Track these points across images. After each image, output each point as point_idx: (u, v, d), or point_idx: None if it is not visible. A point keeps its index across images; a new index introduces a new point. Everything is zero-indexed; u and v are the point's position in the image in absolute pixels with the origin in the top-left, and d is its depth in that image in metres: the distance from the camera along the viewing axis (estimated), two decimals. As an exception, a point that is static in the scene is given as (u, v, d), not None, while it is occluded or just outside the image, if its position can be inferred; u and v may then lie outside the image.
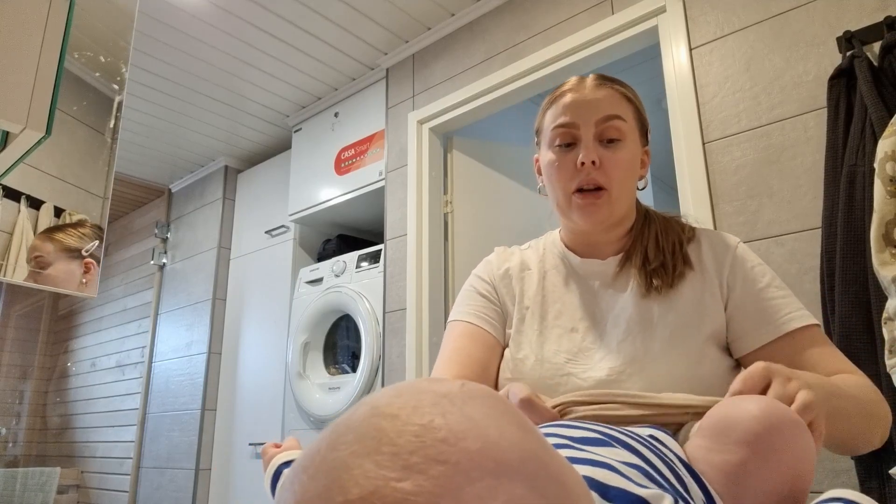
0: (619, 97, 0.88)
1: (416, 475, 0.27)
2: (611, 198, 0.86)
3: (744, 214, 1.63)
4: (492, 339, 0.91)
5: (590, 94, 0.87)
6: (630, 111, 0.89)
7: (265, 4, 2.37)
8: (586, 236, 0.93)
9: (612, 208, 0.87)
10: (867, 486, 1.25)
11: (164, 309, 3.73)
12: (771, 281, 0.85)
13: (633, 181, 0.90)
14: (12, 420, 4.40)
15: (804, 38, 1.61)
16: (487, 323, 0.92)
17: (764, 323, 0.81)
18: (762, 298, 0.83)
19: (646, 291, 0.85)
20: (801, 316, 0.81)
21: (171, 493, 3.23)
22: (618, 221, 0.90)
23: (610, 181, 0.85)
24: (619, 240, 0.92)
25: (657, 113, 3.04)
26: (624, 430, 0.56)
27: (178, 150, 3.54)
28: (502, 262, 0.99)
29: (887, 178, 1.14)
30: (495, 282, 0.96)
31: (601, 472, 0.45)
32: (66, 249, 1.04)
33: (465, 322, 0.93)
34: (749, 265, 0.86)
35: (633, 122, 0.89)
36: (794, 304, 0.83)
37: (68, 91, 0.96)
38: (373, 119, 2.77)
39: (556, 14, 2.18)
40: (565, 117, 0.87)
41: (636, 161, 0.90)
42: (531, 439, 0.31)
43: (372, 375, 2.44)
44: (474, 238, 2.46)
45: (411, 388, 0.32)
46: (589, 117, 0.86)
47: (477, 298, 0.95)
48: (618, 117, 0.86)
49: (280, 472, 0.69)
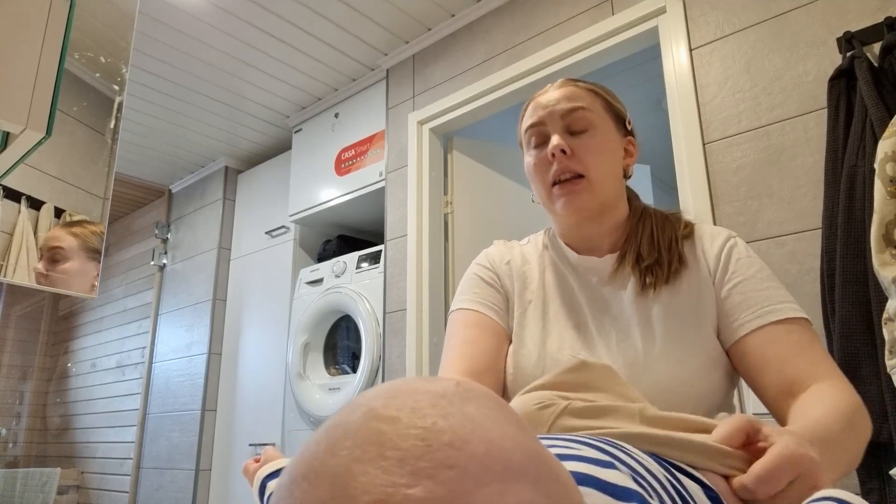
0: (582, 91, 0.91)
1: (426, 480, 0.26)
2: (590, 183, 0.87)
3: (744, 215, 1.63)
4: (499, 328, 0.91)
5: (554, 94, 0.91)
6: (597, 102, 0.91)
7: (265, 5, 2.37)
8: (578, 230, 0.92)
9: (594, 194, 0.87)
10: (867, 487, 1.25)
11: (164, 309, 3.73)
12: (757, 273, 0.84)
13: (612, 167, 0.90)
14: (12, 420, 4.40)
15: (804, 38, 1.62)
16: (493, 311, 0.92)
17: (746, 313, 0.80)
18: (746, 290, 0.82)
19: (642, 289, 0.85)
20: (785, 308, 0.79)
21: (171, 493, 3.23)
22: (603, 209, 0.90)
23: (586, 167, 0.87)
24: (611, 233, 0.92)
25: (657, 113, 3.04)
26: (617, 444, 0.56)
27: (179, 151, 3.54)
28: (504, 254, 0.99)
29: (887, 179, 1.14)
30: (498, 269, 0.96)
31: (585, 466, 0.45)
32: (86, 248, 1.04)
33: (471, 311, 0.92)
34: (736, 258, 0.85)
35: (601, 112, 0.90)
36: (780, 296, 0.81)
37: (68, 91, 0.96)
38: (373, 120, 2.77)
39: (556, 15, 2.18)
40: (533, 118, 0.91)
41: (612, 147, 0.90)
42: (529, 438, 0.32)
43: (372, 376, 2.44)
44: (474, 238, 2.46)
45: (406, 387, 0.31)
46: (554, 112, 0.89)
47: (481, 285, 0.95)
48: (581, 108, 0.88)
49: (265, 485, 0.67)
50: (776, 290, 0.82)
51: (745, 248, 0.88)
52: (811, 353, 0.77)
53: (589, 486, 0.43)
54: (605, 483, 0.43)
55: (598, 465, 0.45)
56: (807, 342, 0.78)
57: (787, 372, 0.76)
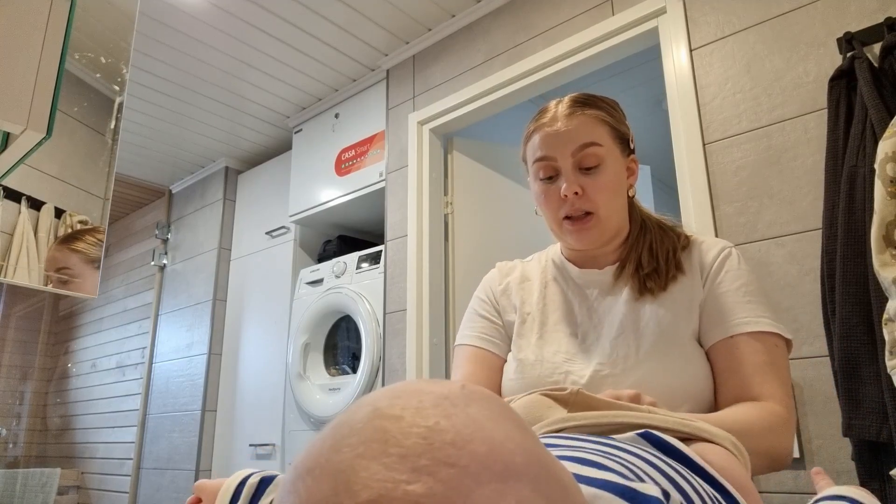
0: (591, 122, 0.90)
1: (426, 477, 0.27)
2: (599, 220, 0.90)
3: (744, 215, 1.63)
4: (497, 360, 0.96)
5: (563, 126, 0.89)
6: (605, 133, 0.90)
7: (266, 5, 2.37)
8: (583, 252, 0.96)
9: (602, 229, 0.91)
10: (868, 487, 1.25)
11: (164, 310, 3.73)
12: (742, 286, 0.86)
13: (620, 198, 0.92)
14: (13, 421, 4.40)
15: (804, 39, 1.61)
16: (491, 343, 0.97)
17: (717, 324, 0.84)
18: (726, 301, 0.85)
19: (639, 294, 0.89)
20: (754, 322, 0.83)
21: (171, 494, 3.23)
22: (611, 237, 0.94)
23: (596, 205, 0.89)
24: (615, 250, 0.95)
25: (657, 114, 3.04)
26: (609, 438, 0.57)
27: (179, 151, 3.54)
28: (503, 278, 1.03)
29: (888, 179, 1.14)
30: (496, 298, 1.01)
31: (585, 468, 0.45)
32: (89, 260, 1.05)
33: (470, 346, 0.98)
34: (726, 269, 0.88)
35: (610, 143, 0.91)
36: (755, 310, 0.84)
37: (69, 92, 0.96)
38: (373, 120, 2.77)
39: (556, 15, 2.18)
40: (542, 151, 0.91)
41: (620, 179, 0.92)
42: (532, 440, 0.32)
43: (372, 376, 2.44)
44: (475, 239, 2.46)
45: (411, 388, 0.32)
46: (565, 149, 0.89)
47: (478, 320, 1.00)
48: (593, 144, 0.88)
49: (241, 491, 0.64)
50: (756, 304, 0.85)
51: (739, 260, 0.90)
52: (763, 372, 0.81)
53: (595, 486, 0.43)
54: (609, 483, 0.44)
55: (597, 467, 0.46)
56: (764, 360, 0.81)
57: (735, 384, 0.81)
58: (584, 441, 0.54)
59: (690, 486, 0.49)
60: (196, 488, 0.69)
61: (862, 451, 1.28)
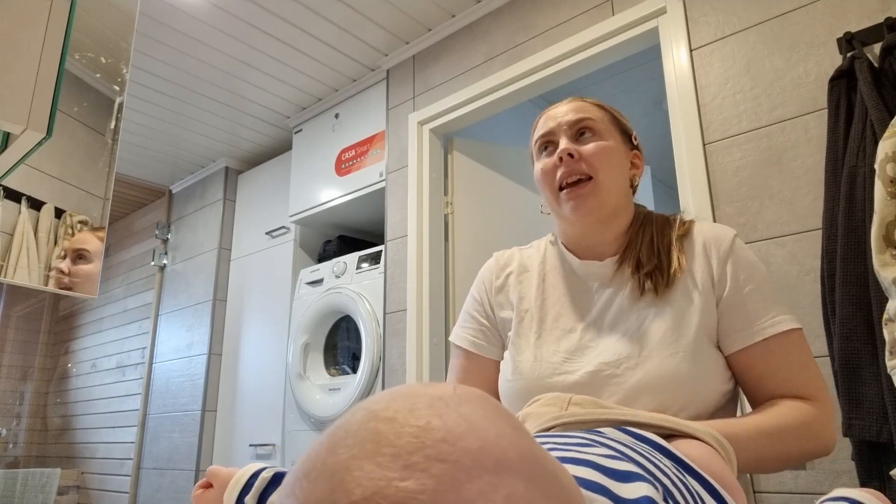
0: (589, 105, 0.96)
1: (419, 473, 0.27)
2: (597, 185, 0.90)
3: (744, 215, 1.63)
4: (489, 363, 0.98)
5: (562, 107, 0.96)
6: (603, 114, 0.95)
7: (266, 5, 2.37)
8: (584, 237, 0.95)
9: (601, 197, 0.90)
10: (868, 487, 1.25)
11: (164, 310, 3.73)
12: (759, 285, 0.86)
13: (619, 173, 0.93)
14: (13, 421, 4.40)
15: (804, 39, 1.62)
16: (482, 348, 0.98)
17: (743, 327, 0.84)
18: (747, 301, 0.85)
19: (640, 293, 0.88)
20: (779, 321, 0.83)
21: (171, 494, 3.23)
22: (610, 215, 0.92)
23: (593, 168, 0.90)
24: (615, 240, 0.94)
25: (657, 114, 3.04)
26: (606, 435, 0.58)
27: (179, 151, 3.54)
28: (500, 270, 1.02)
29: (888, 180, 1.14)
30: (490, 297, 1.01)
31: (585, 470, 0.45)
32: (99, 252, 1.05)
33: (463, 350, 1.00)
34: (741, 265, 0.87)
35: (607, 123, 0.95)
36: (776, 309, 0.84)
37: (69, 92, 0.96)
38: (373, 120, 2.77)
39: (556, 15, 2.18)
40: (543, 129, 0.96)
41: (619, 153, 0.94)
42: (526, 439, 0.32)
43: (372, 376, 2.44)
44: (475, 239, 2.46)
45: (405, 391, 0.33)
46: (562, 123, 0.94)
47: (470, 321, 1.01)
48: (587, 118, 0.93)
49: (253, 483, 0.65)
50: (771, 301, 0.85)
51: (745, 253, 0.89)
52: (797, 367, 0.83)
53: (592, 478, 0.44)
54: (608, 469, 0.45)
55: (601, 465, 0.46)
56: (796, 356, 0.84)
57: (774, 388, 0.83)
58: (571, 437, 0.55)
59: (661, 472, 0.49)
60: (209, 473, 0.71)
61: (862, 451, 1.28)
